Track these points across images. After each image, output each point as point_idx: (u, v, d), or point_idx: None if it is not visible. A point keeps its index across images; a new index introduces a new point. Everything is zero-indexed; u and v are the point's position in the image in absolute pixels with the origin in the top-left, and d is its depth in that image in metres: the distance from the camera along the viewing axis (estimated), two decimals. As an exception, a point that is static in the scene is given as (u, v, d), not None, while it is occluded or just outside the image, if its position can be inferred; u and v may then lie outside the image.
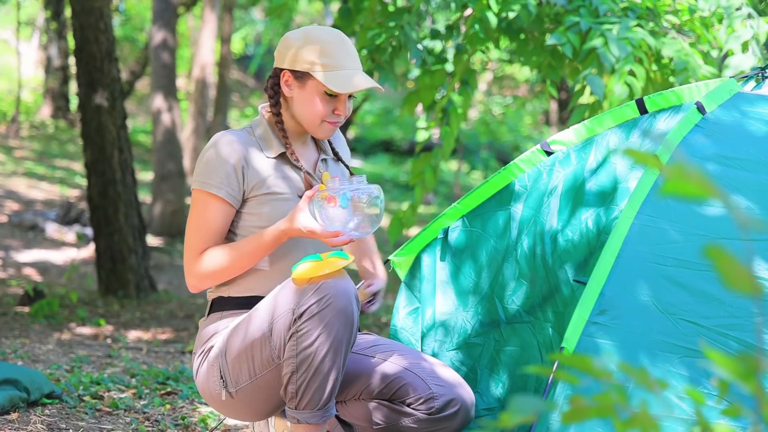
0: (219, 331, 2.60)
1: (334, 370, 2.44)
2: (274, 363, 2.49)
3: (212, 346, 2.60)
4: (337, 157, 2.81)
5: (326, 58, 2.57)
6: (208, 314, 2.67)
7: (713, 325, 2.29)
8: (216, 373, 2.56)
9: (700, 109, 2.64)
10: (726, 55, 4.74)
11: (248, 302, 2.62)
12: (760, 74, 2.89)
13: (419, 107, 5.54)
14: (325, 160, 2.76)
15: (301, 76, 2.60)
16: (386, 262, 3.06)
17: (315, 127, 2.63)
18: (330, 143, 2.81)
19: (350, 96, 2.64)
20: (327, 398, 2.45)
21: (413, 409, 2.58)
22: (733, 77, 2.85)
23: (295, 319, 2.42)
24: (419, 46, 5.01)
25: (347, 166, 2.82)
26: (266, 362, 2.50)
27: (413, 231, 9.64)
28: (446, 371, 2.67)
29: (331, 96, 2.60)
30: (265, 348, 2.48)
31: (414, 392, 2.58)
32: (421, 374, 2.60)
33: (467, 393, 2.62)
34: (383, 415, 2.61)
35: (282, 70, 2.63)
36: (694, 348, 2.27)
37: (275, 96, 2.66)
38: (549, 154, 3.07)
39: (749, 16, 4.46)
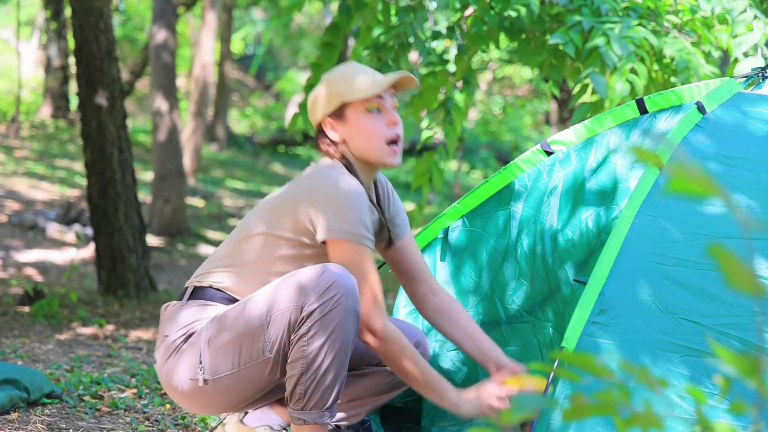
0: (201, 319, 2.55)
1: (343, 369, 2.45)
2: (263, 357, 2.46)
3: (192, 333, 2.53)
4: (379, 206, 2.74)
5: (347, 82, 2.57)
6: (188, 300, 2.60)
7: (714, 324, 2.29)
8: (194, 359, 2.51)
9: (701, 108, 2.64)
10: (727, 55, 4.73)
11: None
12: (760, 74, 2.89)
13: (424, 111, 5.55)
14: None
15: (338, 113, 2.59)
16: (383, 264, 3.05)
17: (381, 154, 2.58)
18: (379, 196, 2.75)
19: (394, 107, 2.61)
20: (335, 397, 2.46)
21: (382, 365, 2.72)
22: (733, 77, 2.85)
23: (303, 318, 2.40)
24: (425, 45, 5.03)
25: (382, 214, 2.73)
26: (255, 354, 2.47)
27: (415, 231, 9.64)
28: (396, 322, 2.74)
29: (375, 111, 2.57)
30: (257, 340, 2.45)
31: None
32: None
33: (418, 331, 2.81)
34: (355, 388, 2.71)
35: (321, 123, 2.62)
36: (694, 347, 2.27)
37: (333, 147, 2.61)
38: (549, 153, 3.07)
39: (755, 17, 4.45)
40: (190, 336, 2.55)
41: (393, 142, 2.58)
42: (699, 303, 2.32)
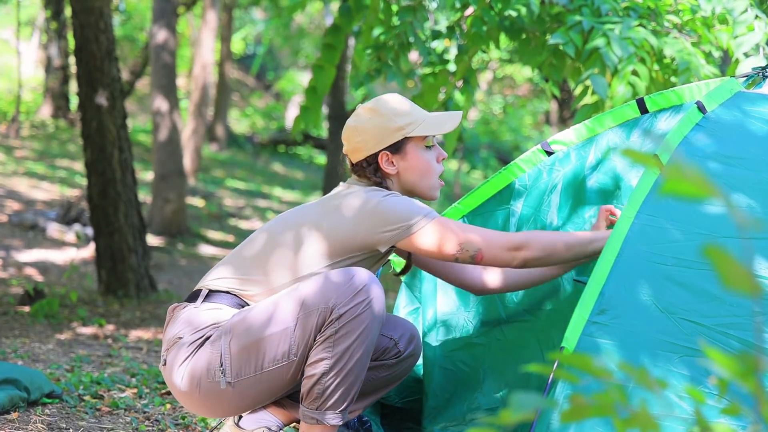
0: (219, 321, 2.53)
1: (362, 373, 2.46)
2: (288, 359, 2.46)
3: (210, 335, 2.51)
4: None
5: (408, 116, 2.64)
6: (202, 302, 2.58)
7: (714, 324, 2.29)
8: (214, 362, 2.49)
9: (701, 108, 2.64)
10: (728, 55, 4.73)
11: None
12: (760, 73, 2.89)
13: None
14: None
15: (398, 147, 2.64)
16: (387, 262, 3.05)
17: (432, 188, 2.68)
18: None
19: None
20: (351, 399, 2.47)
21: (380, 360, 2.73)
22: (733, 76, 2.85)
23: (333, 319, 2.41)
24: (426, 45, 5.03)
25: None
26: (280, 356, 2.46)
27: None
28: (388, 316, 2.79)
29: (429, 148, 2.67)
30: (283, 342, 2.45)
31: (378, 347, 2.71)
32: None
33: (412, 325, 2.82)
34: None
35: (375, 155, 2.64)
36: (694, 347, 2.27)
37: (382, 181, 2.66)
38: (549, 153, 3.07)
39: (756, 17, 4.44)
40: (207, 338, 2.52)
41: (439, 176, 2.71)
42: (699, 303, 2.32)
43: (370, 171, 2.65)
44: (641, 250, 2.39)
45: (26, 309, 5.59)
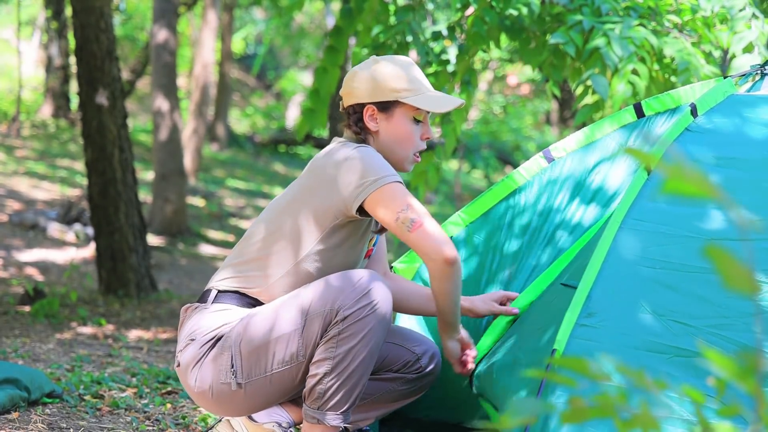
0: (229, 322, 2.54)
1: (366, 375, 2.45)
2: (296, 360, 2.46)
3: (221, 336, 2.52)
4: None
5: (409, 83, 2.60)
6: (213, 303, 2.59)
7: (702, 325, 2.30)
8: (225, 363, 2.50)
9: (693, 111, 2.64)
10: (728, 55, 4.73)
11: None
12: (759, 72, 2.88)
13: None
14: None
15: (387, 107, 2.60)
16: (390, 269, 3.03)
17: (405, 160, 2.65)
18: None
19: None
20: (353, 401, 2.46)
21: (401, 373, 2.73)
22: (730, 76, 2.85)
23: (337, 321, 2.41)
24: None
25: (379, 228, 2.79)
26: (289, 358, 2.46)
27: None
28: (411, 332, 2.82)
29: (417, 122, 2.62)
30: (291, 343, 2.45)
31: (400, 359, 2.72)
32: (399, 342, 2.73)
33: (434, 344, 2.83)
34: (371, 389, 2.71)
35: (364, 105, 2.61)
36: (683, 348, 2.27)
37: (362, 133, 2.62)
38: (551, 160, 3.08)
39: (753, 16, 4.45)
40: (219, 339, 2.53)
41: (417, 152, 2.67)
42: (687, 305, 2.32)
43: (353, 120, 2.62)
44: (628, 254, 2.39)
45: (26, 309, 5.59)
